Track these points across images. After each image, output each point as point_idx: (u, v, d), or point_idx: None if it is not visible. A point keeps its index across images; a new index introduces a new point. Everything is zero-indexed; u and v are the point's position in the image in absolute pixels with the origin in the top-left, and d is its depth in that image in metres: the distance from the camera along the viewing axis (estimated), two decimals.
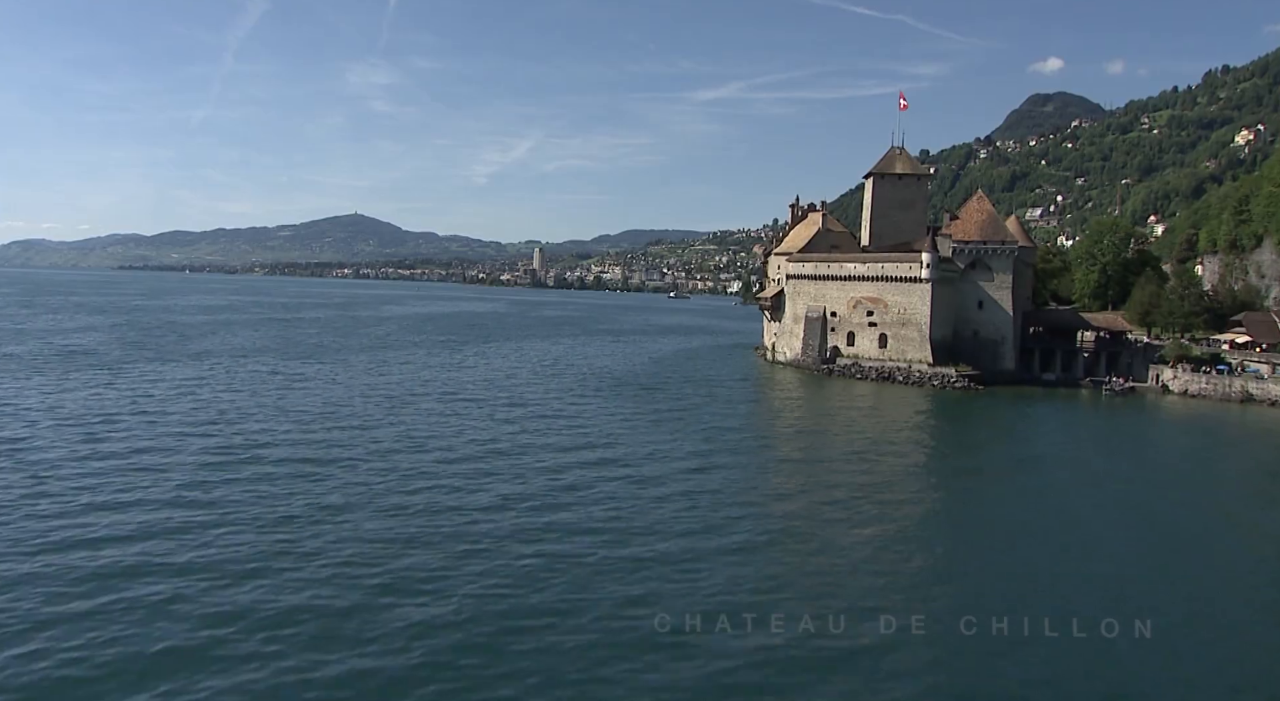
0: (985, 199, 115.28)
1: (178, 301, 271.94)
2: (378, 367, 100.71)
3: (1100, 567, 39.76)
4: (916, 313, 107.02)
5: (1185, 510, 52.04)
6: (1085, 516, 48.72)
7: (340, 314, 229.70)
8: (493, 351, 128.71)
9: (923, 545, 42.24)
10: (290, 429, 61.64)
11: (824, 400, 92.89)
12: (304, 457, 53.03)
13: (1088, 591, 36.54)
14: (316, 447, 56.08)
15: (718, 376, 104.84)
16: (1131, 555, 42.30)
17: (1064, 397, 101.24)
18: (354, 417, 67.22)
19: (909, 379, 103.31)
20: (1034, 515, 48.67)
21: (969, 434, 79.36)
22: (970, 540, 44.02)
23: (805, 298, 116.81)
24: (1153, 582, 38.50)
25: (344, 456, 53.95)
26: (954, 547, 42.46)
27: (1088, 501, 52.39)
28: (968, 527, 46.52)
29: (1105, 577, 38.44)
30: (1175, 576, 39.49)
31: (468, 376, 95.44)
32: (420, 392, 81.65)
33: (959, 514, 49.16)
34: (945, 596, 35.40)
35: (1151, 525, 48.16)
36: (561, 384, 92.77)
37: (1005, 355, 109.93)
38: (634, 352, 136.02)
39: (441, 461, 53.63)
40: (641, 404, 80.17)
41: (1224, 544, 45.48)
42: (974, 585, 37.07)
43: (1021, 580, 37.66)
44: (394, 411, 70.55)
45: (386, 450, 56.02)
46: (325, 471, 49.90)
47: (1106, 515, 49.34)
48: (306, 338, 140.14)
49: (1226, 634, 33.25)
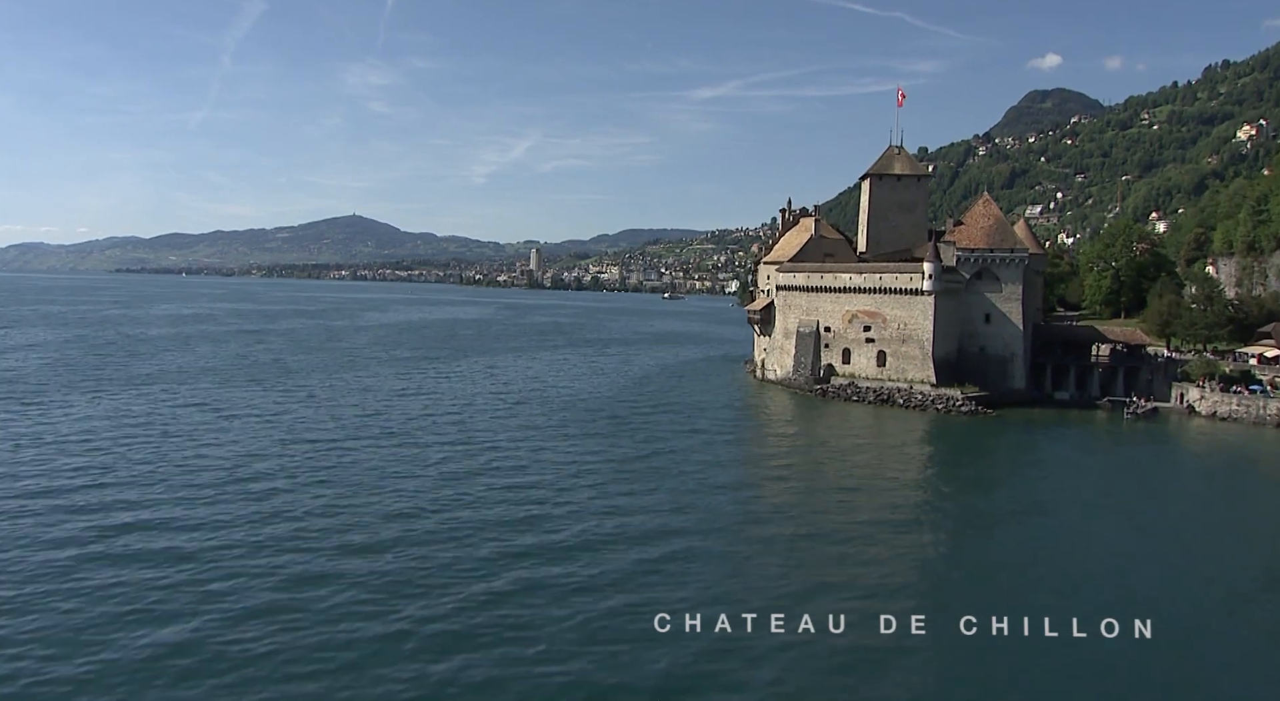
0: (992, 202, 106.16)
1: (153, 310, 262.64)
2: (324, 396, 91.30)
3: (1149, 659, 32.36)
4: (918, 328, 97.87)
5: (1245, 575, 42.99)
6: (1119, 581, 40.04)
7: (316, 324, 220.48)
8: (462, 371, 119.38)
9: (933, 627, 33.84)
10: (176, 489, 52.47)
11: (815, 431, 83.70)
12: (173, 528, 43.93)
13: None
14: (189, 516, 46.92)
15: (700, 402, 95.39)
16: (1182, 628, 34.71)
17: (1081, 422, 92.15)
18: (257, 472, 57.75)
19: (910, 402, 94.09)
20: (1058, 585, 39.68)
21: (978, 472, 70.24)
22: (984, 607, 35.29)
23: (796, 311, 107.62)
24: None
25: (205, 543, 44.69)
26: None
27: (1121, 562, 43.58)
28: (980, 598, 37.58)
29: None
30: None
31: (421, 407, 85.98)
32: (357, 433, 72.14)
33: (969, 588, 40.12)
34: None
35: (1203, 600, 39.13)
36: (523, 416, 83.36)
37: (1015, 373, 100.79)
38: (615, 370, 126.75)
39: (339, 553, 44.27)
40: (609, 443, 70.59)
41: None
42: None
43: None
44: (313, 463, 60.91)
45: (278, 526, 46.73)
46: (191, 547, 40.82)
47: (1146, 583, 40.31)
48: (266, 355, 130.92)
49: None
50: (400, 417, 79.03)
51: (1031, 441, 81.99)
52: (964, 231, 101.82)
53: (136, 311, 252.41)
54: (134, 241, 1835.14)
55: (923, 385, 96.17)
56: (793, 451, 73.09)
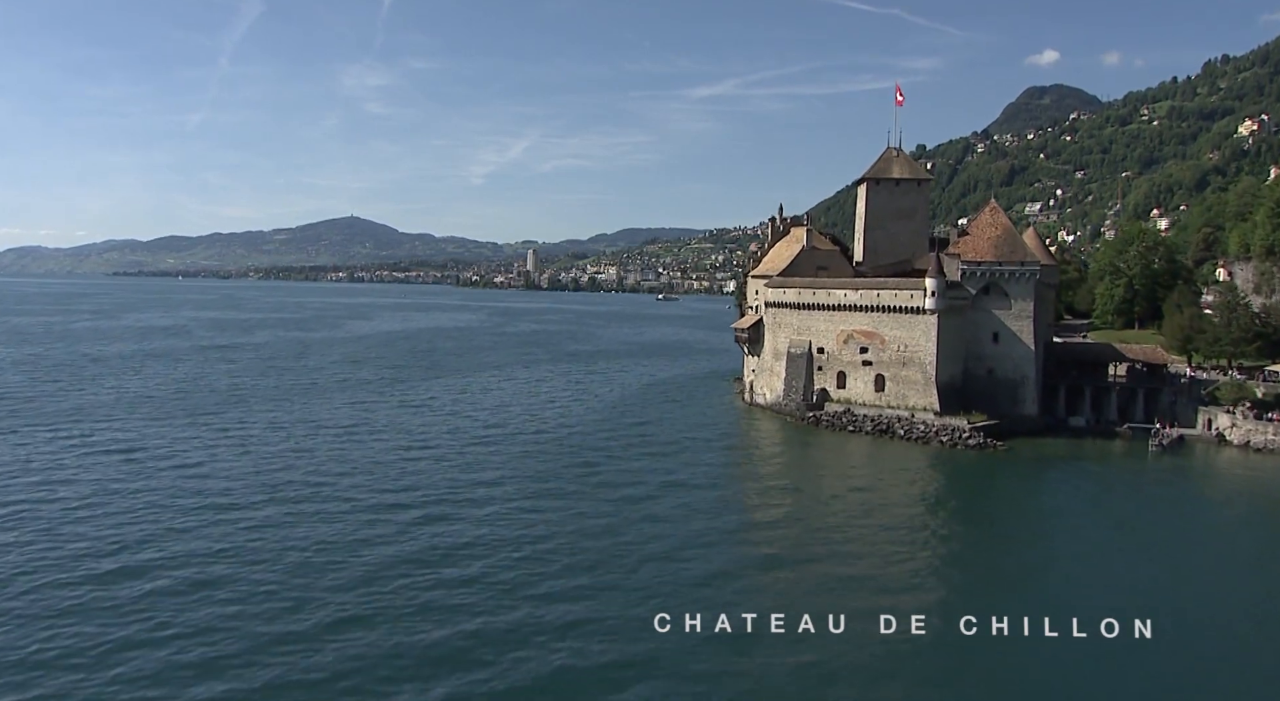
0: (999, 210, 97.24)
1: (126, 321, 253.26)
2: (259, 435, 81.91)
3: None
4: (919, 350, 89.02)
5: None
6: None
7: (292, 337, 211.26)
8: (426, 397, 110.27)
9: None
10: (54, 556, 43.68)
11: (806, 475, 74.77)
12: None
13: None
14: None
15: (682, 438, 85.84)
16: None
17: (1101, 455, 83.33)
18: (142, 535, 49.14)
19: (911, 433, 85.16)
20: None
21: (989, 525, 61.39)
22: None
23: (787, 330, 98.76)
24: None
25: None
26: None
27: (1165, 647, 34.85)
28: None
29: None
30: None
31: (363, 453, 76.40)
32: (277, 482, 63.25)
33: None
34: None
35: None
36: (478, 455, 74.24)
37: (1026, 398, 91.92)
38: (594, 393, 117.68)
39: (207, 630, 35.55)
40: (570, 503, 60.82)
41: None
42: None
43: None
44: (214, 521, 52.43)
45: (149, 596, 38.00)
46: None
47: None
48: (219, 379, 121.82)
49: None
50: (334, 466, 69.63)
51: (1047, 482, 73.22)
52: (969, 242, 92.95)
53: (108, 323, 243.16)
54: (132, 244, 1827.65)
55: (925, 413, 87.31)
56: (779, 502, 64.15)
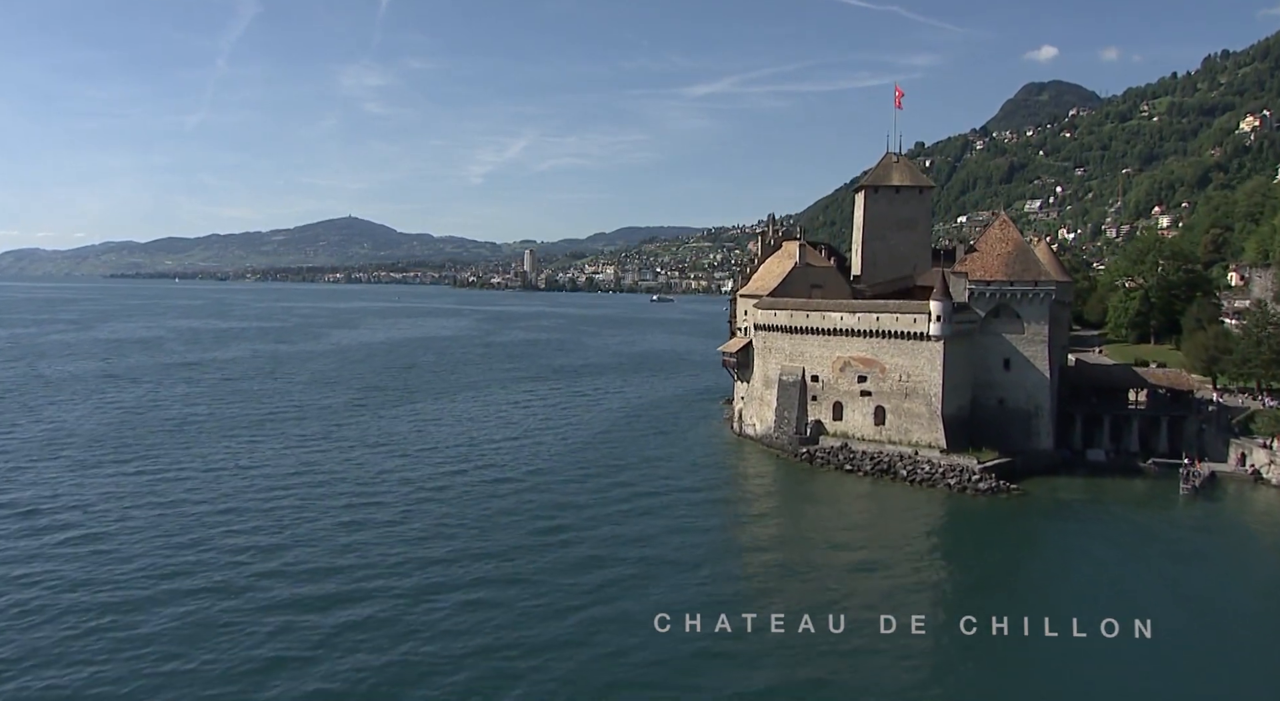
0: (1009, 223, 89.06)
1: (101, 333, 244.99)
2: (193, 481, 73.74)
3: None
4: (924, 380, 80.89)
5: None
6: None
7: (270, 350, 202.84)
8: (389, 428, 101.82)
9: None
10: None
11: (797, 527, 66.65)
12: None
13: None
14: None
15: (664, 481, 77.08)
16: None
17: (1125, 497, 75.14)
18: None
19: (915, 473, 76.95)
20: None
21: (1001, 599, 53.16)
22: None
23: (778, 355, 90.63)
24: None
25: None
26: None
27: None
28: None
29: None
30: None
31: (300, 503, 68.25)
32: (186, 562, 55.34)
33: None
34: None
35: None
36: (426, 524, 65.52)
37: (1040, 430, 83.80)
38: (574, 419, 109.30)
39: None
40: (529, 575, 53.32)
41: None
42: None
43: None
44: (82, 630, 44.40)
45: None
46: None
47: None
48: (176, 406, 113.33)
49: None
50: (257, 528, 61.63)
51: (1067, 537, 65.03)
52: (977, 260, 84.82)
53: (81, 336, 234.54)
54: (130, 246, 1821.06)
55: (930, 451, 79.17)
56: (766, 575, 56.09)
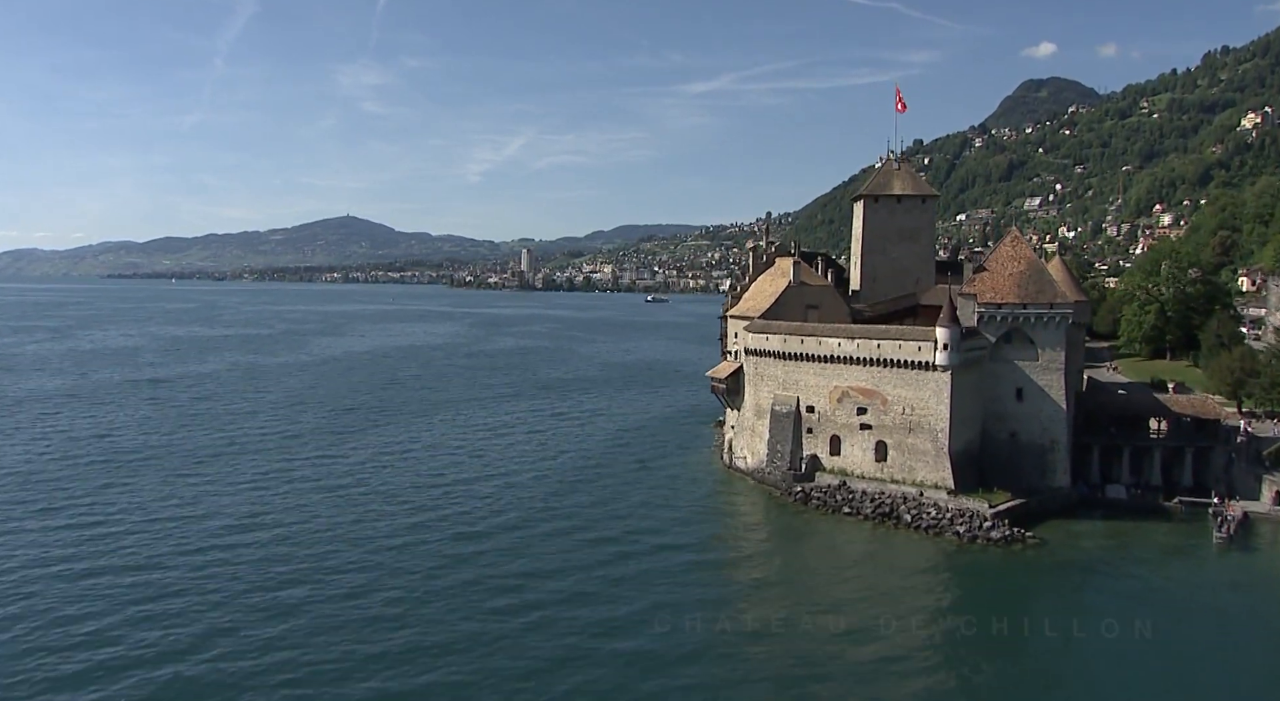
0: (1021, 240, 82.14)
1: (79, 342, 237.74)
2: (129, 525, 67.00)
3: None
4: (929, 413, 73.96)
5: None
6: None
7: (247, 362, 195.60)
8: (355, 457, 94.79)
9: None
10: None
11: (789, 585, 59.56)
12: None
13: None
14: None
15: (644, 524, 70.36)
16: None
17: (1152, 546, 68.23)
18: None
19: (920, 518, 70.03)
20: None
21: (1017, 683, 46.31)
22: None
23: (770, 383, 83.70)
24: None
25: None
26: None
27: None
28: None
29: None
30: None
31: (235, 558, 61.87)
32: (112, 620, 48.56)
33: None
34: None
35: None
36: (369, 590, 59.02)
37: (1056, 466, 76.91)
38: (553, 447, 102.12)
39: None
40: (470, 648, 46.63)
41: None
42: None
43: None
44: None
45: None
46: None
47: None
48: (133, 434, 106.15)
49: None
50: (186, 584, 54.98)
51: (1092, 594, 58.27)
52: (987, 280, 77.89)
53: (58, 346, 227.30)
54: (128, 246, 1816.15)
55: (936, 491, 72.31)
56: (750, 645, 49.26)
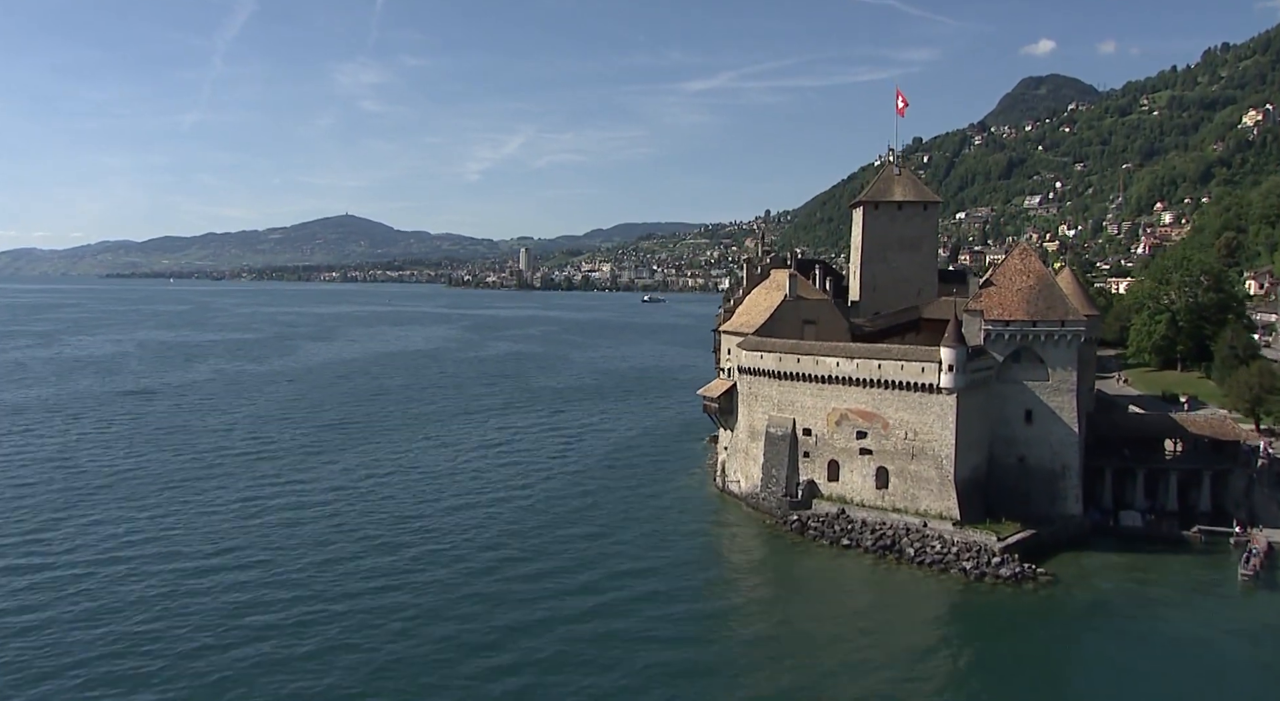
0: (1030, 253, 77.62)
1: (64, 349, 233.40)
2: (66, 573, 62.71)
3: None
4: (933, 439, 69.51)
5: None
6: None
7: (233, 371, 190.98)
8: (329, 481, 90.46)
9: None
10: None
11: (779, 621, 55.00)
12: None
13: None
14: None
15: (630, 560, 65.92)
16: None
17: (1171, 581, 63.77)
18: None
19: (924, 553, 65.51)
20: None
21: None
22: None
23: (765, 403, 79.25)
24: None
25: None
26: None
27: None
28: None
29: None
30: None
31: (184, 595, 57.43)
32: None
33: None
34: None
35: None
36: (331, 639, 54.53)
37: (1067, 493, 72.48)
38: (537, 467, 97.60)
39: None
40: None
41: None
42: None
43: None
44: None
45: None
46: None
47: None
48: (98, 454, 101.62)
49: None
50: (121, 647, 50.39)
51: (1110, 640, 53.81)
52: (995, 296, 73.42)
53: (42, 353, 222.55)
54: (127, 245, 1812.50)
55: (941, 522, 67.91)
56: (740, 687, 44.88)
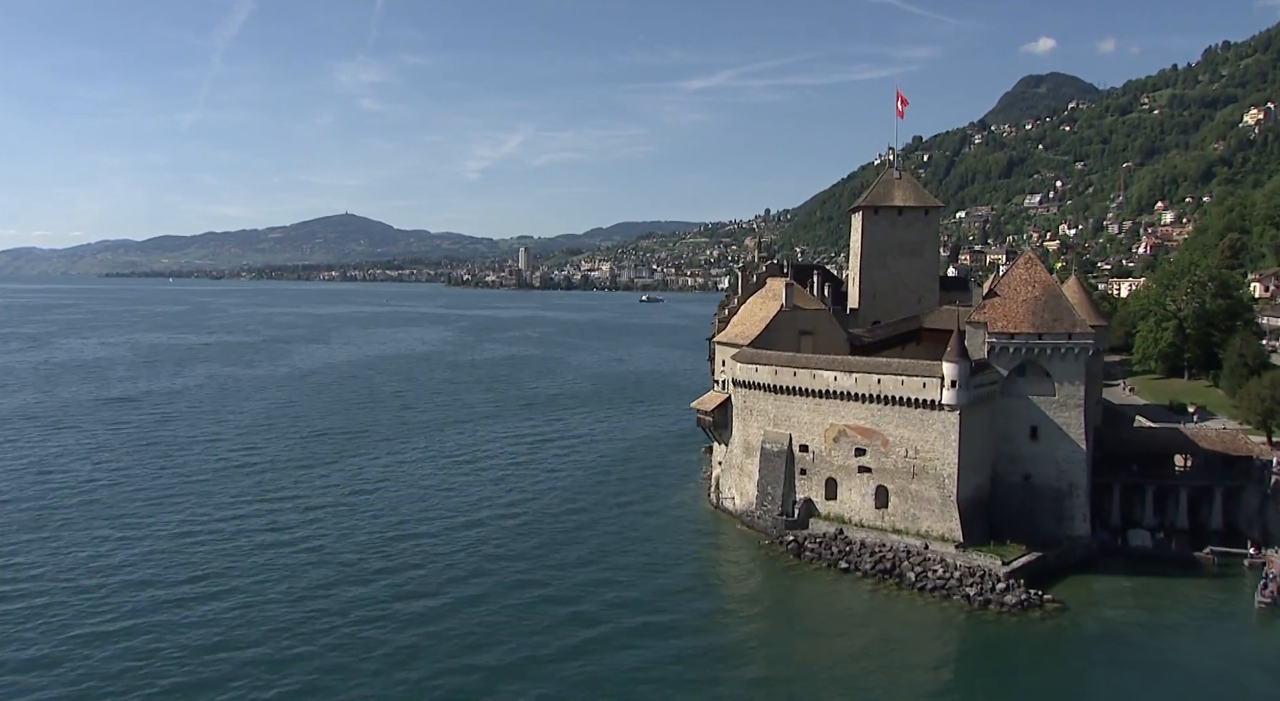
0: (1036, 262, 74.60)
1: (53, 353, 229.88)
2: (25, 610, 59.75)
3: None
4: (935, 457, 66.63)
5: None
6: None
7: (223, 376, 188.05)
8: (310, 498, 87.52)
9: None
10: None
11: (771, 655, 52.08)
12: None
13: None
14: None
15: (621, 590, 63.08)
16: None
17: (1183, 607, 60.94)
18: None
19: (925, 577, 62.62)
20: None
21: None
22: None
23: (760, 418, 76.35)
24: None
25: None
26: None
27: None
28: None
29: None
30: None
31: (126, 633, 54.43)
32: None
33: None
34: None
35: None
36: (311, 675, 51.62)
37: (1074, 513, 69.58)
38: (526, 483, 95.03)
39: None
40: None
41: None
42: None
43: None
44: None
45: None
46: None
47: None
48: (76, 468, 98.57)
49: None
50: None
51: (1123, 676, 51.03)
52: (999, 307, 70.51)
53: (29, 357, 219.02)
54: (126, 244, 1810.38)
55: (943, 544, 65.03)
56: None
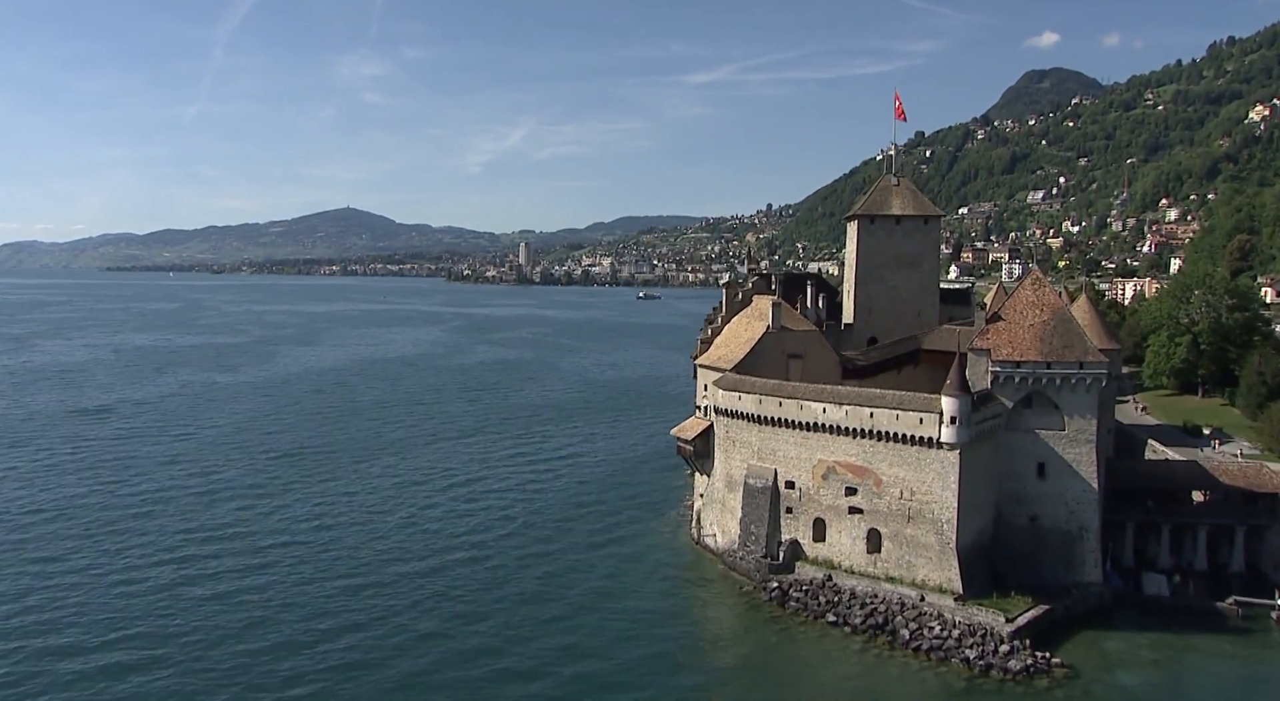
0: (1044, 283, 68.48)
1: (32, 356, 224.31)
2: None
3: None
4: (933, 500, 60.74)
5: None
6: None
7: (202, 382, 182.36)
8: (266, 528, 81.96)
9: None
10: None
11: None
12: None
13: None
14: None
15: (589, 637, 57.46)
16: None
17: (1208, 671, 55.12)
18: None
19: (920, 635, 56.75)
20: None
21: None
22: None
23: (743, 450, 70.47)
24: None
25: None
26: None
27: None
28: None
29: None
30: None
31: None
32: None
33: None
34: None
35: None
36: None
37: (1085, 558, 63.67)
38: (499, 511, 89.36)
39: None
40: None
41: None
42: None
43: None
44: None
45: None
46: None
47: None
48: (25, 491, 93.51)
49: None
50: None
51: None
52: (1003, 333, 64.53)
53: (8, 359, 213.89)
54: (128, 238, 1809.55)
55: (940, 596, 59.17)
56: None
